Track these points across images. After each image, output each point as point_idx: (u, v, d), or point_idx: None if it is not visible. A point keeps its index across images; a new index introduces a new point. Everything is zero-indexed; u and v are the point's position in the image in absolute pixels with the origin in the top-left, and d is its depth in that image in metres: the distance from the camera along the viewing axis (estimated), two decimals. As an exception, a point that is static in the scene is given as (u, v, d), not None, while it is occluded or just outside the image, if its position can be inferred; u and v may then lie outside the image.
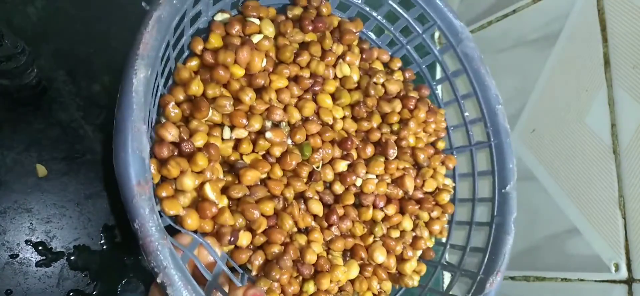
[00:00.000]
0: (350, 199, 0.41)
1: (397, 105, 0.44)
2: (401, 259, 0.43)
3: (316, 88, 0.40)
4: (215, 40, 0.37)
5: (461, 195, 0.48)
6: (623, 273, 0.40)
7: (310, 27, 0.41)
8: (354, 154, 0.42)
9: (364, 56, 0.45)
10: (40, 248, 0.36)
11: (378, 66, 0.47)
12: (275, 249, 0.37)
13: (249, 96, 0.36)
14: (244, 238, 0.36)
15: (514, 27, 0.52)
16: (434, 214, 0.45)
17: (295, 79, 0.40)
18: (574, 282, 0.44)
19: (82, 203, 0.38)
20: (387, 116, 0.44)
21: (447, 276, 0.53)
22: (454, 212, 0.47)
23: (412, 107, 0.44)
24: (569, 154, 0.45)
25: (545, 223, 0.46)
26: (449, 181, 0.47)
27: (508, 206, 0.43)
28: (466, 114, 0.46)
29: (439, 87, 0.49)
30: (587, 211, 0.43)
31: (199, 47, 0.37)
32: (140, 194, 0.27)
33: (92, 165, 0.39)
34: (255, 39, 0.38)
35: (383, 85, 0.44)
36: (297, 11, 0.42)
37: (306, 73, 0.41)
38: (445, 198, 0.45)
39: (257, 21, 0.39)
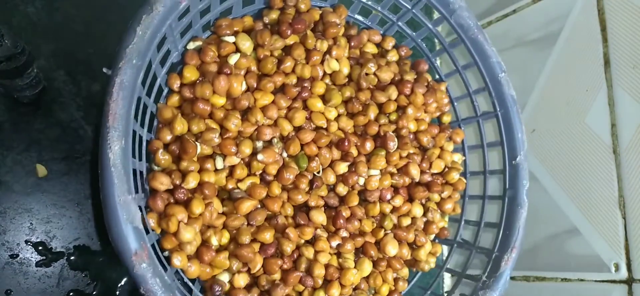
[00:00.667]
0: (355, 200, 0.40)
1: (393, 92, 0.42)
2: (415, 246, 0.43)
3: (304, 94, 0.39)
4: (190, 74, 0.36)
5: (472, 167, 0.47)
6: (623, 273, 0.40)
7: (289, 31, 0.38)
8: (354, 152, 0.41)
9: (352, 43, 0.43)
10: (40, 248, 0.36)
11: (370, 48, 0.44)
12: (273, 278, 0.37)
13: (234, 123, 0.35)
14: (241, 279, 0.36)
15: (514, 27, 0.52)
16: (445, 194, 0.44)
17: (282, 89, 0.39)
18: (574, 282, 0.44)
19: (82, 203, 0.38)
20: (384, 106, 0.42)
21: (447, 280, 0.53)
22: (466, 187, 0.45)
23: (408, 92, 0.42)
24: (569, 154, 0.45)
25: (545, 223, 0.46)
26: (458, 157, 0.45)
27: (519, 178, 0.42)
28: (469, 84, 0.45)
29: (438, 59, 0.47)
30: (587, 211, 0.43)
31: (175, 85, 0.36)
32: (140, 263, 0.28)
33: (92, 165, 0.39)
34: (232, 59, 0.37)
35: (375, 74, 0.42)
36: (274, 15, 0.40)
37: (292, 79, 0.39)
38: (454, 176, 0.44)
39: (231, 39, 0.38)
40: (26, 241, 0.36)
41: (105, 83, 0.40)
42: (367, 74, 0.42)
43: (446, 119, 0.46)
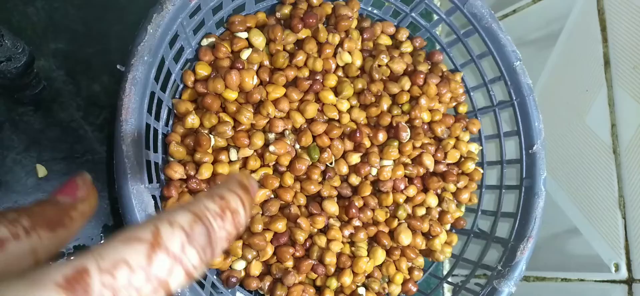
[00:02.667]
0: (368, 190, 0.41)
1: (406, 83, 0.42)
2: (430, 236, 0.43)
3: (316, 87, 0.39)
4: (202, 70, 0.37)
5: (489, 157, 0.46)
6: (623, 273, 0.40)
7: (300, 26, 0.39)
8: (367, 143, 0.41)
9: (365, 36, 0.43)
10: (40, 248, 0.36)
11: (384, 40, 0.45)
12: (286, 266, 0.38)
13: (246, 116, 0.36)
14: (255, 269, 0.37)
15: (514, 27, 0.52)
16: (461, 184, 0.44)
17: (294, 82, 0.39)
18: (574, 282, 0.44)
19: (82, 203, 0.38)
20: (396, 97, 0.42)
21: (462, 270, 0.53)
22: (483, 176, 0.45)
23: (421, 82, 0.42)
24: (569, 154, 0.45)
25: (545, 223, 0.46)
26: (474, 147, 0.45)
27: (536, 167, 0.41)
28: (485, 73, 0.44)
29: (453, 49, 0.47)
30: (587, 211, 0.43)
31: (190, 80, 0.37)
32: None
33: (92, 165, 0.39)
34: (245, 54, 0.37)
35: (387, 66, 0.42)
36: (286, 10, 0.41)
37: (305, 72, 0.40)
38: (470, 166, 0.43)
39: (244, 35, 0.38)
40: (26, 241, 0.36)
41: (105, 83, 0.41)
42: (379, 65, 0.42)
43: (462, 109, 0.46)
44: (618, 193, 0.41)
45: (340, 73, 0.42)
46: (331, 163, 0.40)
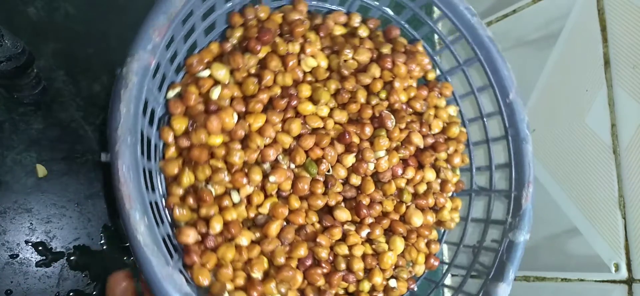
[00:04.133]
0: (371, 187, 0.41)
1: (376, 70, 0.42)
2: (436, 208, 0.44)
3: (293, 103, 0.39)
4: (179, 124, 0.35)
5: (468, 115, 0.47)
6: (623, 273, 0.40)
7: (258, 47, 0.38)
8: (356, 140, 0.41)
9: (321, 34, 0.42)
10: (40, 248, 0.36)
11: (339, 30, 0.44)
12: (318, 285, 0.38)
13: (237, 156, 0.35)
14: None
15: (514, 27, 0.52)
16: (451, 150, 0.44)
17: (270, 104, 0.39)
18: (574, 282, 0.44)
19: (82, 203, 0.38)
20: (370, 86, 0.42)
21: (473, 229, 0.53)
22: (468, 136, 0.46)
23: (390, 66, 0.42)
24: (569, 154, 0.45)
25: (545, 223, 0.46)
26: (452, 110, 0.46)
27: (517, 114, 0.42)
28: (444, 37, 0.45)
29: (406, 21, 0.46)
30: (587, 211, 0.43)
31: (169, 138, 0.35)
32: None
33: (92, 165, 0.39)
34: (215, 93, 0.36)
35: (353, 59, 0.42)
36: (238, 33, 0.39)
37: (277, 91, 0.39)
38: (455, 130, 0.44)
39: (206, 73, 0.37)
40: (26, 242, 0.36)
41: (105, 83, 0.41)
42: (345, 61, 0.42)
43: (431, 76, 0.46)
44: (618, 193, 0.41)
45: (309, 78, 0.41)
46: (329, 171, 0.40)
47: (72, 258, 0.37)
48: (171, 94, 0.36)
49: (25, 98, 0.36)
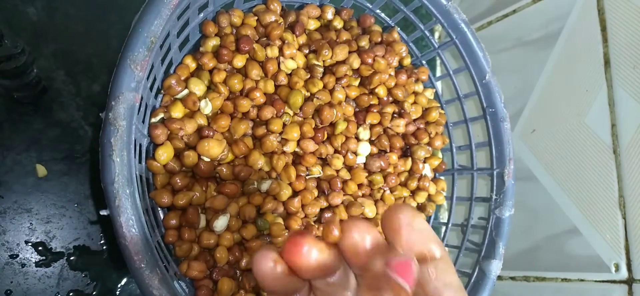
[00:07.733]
0: (361, 178, 0.43)
1: (354, 61, 0.42)
2: (420, 190, 0.46)
3: (281, 113, 0.39)
4: (166, 153, 0.34)
5: (446, 97, 0.49)
6: (623, 273, 0.40)
7: (239, 62, 0.38)
8: (347, 129, 0.42)
9: (297, 32, 0.41)
10: (40, 248, 0.36)
11: (314, 25, 0.44)
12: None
13: (240, 203, 0.37)
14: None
15: (514, 27, 0.52)
16: (432, 133, 0.46)
17: (254, 123, 0.39)
18: (574, 282, 0.44)
19: (82, 203, 0.38)
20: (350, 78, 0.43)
21: (460, 209, 0.53)
22: (446, 119, 0.48)
23: (371, 61, 0.43)
24: (569, 154, 0.45)
25: (545, 223, 0.46)
26: (429, 93, 0.47)
27: (493, 94, 0.43)
28: (419, 22, 0.45)
29: (380, 8, 0.47)
30: (587, 211, 0.43)
31: (164, 201, 0.34)
32: None
33: (92, 165, 0.39)
34: (206, 108, 0.36)
35: (332, 58, 0.42)
36: (213, 42, 0.38)
37: (260, 96, 0.38)
38: (434, 114, 0.46)
39: (185, 92, 0.36)
40: (26, 242, 0.36)
41: (105, 84, 0.40)
42: (324, 61, 0.42)
43: (407, 61, 0.48)
44: (618, 193, 0.41)
45: (283, 78, 0.40)
46: (319, 174, 0.41)
47: (72, 258, 0.37)
48: (154, 120, 0.35)
49: (25, 98, 0.36)
